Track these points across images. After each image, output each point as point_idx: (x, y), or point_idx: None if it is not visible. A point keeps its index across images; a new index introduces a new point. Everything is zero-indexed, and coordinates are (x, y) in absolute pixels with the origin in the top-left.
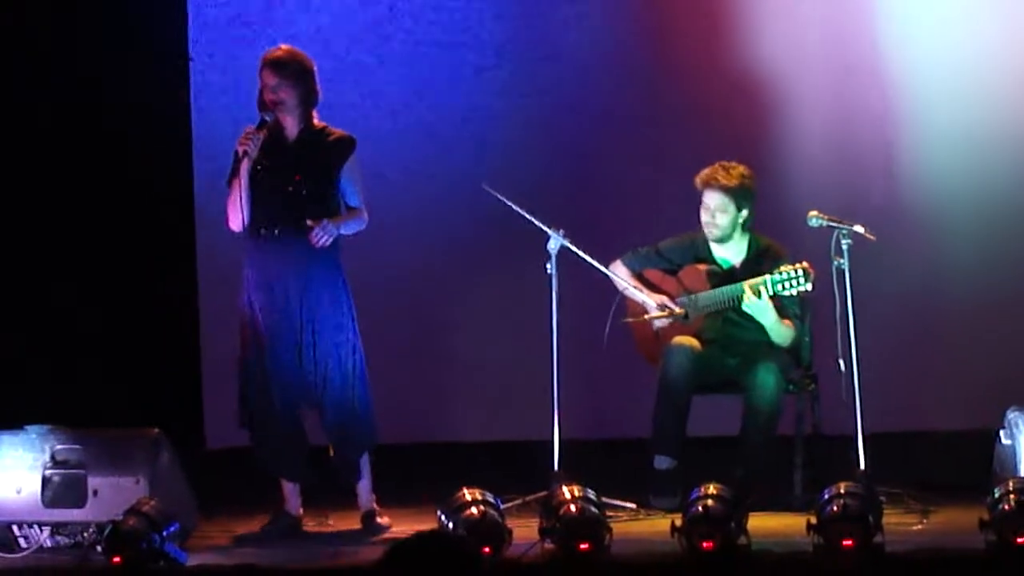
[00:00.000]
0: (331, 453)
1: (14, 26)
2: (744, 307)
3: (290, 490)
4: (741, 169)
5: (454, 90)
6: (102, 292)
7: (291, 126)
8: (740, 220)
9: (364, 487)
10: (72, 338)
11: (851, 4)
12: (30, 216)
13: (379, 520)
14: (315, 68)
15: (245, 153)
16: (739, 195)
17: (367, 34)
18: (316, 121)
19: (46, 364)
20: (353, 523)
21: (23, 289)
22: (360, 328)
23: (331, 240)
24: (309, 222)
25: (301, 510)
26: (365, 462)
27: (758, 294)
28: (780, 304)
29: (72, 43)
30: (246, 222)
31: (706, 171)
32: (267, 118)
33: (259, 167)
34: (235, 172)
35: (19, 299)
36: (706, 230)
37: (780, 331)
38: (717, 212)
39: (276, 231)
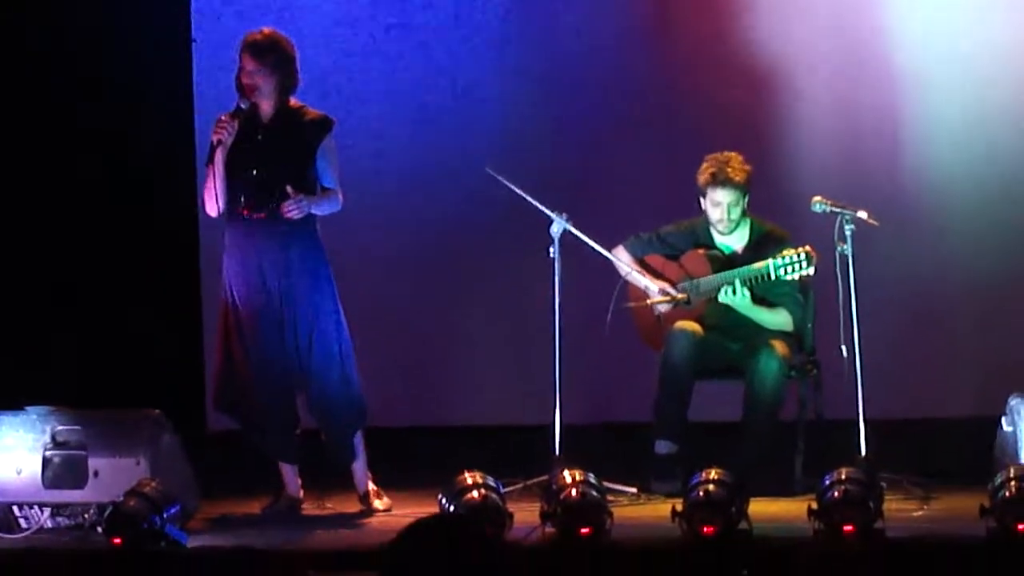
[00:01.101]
0: (323, 436)
1: (14, 9)
2: (720, 298)
3: (289, 472)
4: (739, 158)
5: (458, 74)
6: (104, 274)
7: (267, 109)
8: (744, 207)
9: (359, 468)
10: (73, 319)
11: None
12: (34, 200)
13: (376, 502)
14: (296, 54)
15: (219, 141)
16: (746, 187)
17: (370, 17)
18: (293, 102)
19: (47, 345)
20: (352, 505)
21: (25, 272)
22: (362, 311)
23: (302, 214)
24: (288, 189)
25: (302, 492)
26: (359, 442)
27: (734, 291)
28: (770, 294)
29: (74, 27)
30: (221, 208)
31: (709, 168)
32: (243, 105)
33: (236, 151)
34: (211, 159)
35: (21, 282)
36: (719, 227)
37: (765, 318)
38: (731, 207)
39: (254, 214)
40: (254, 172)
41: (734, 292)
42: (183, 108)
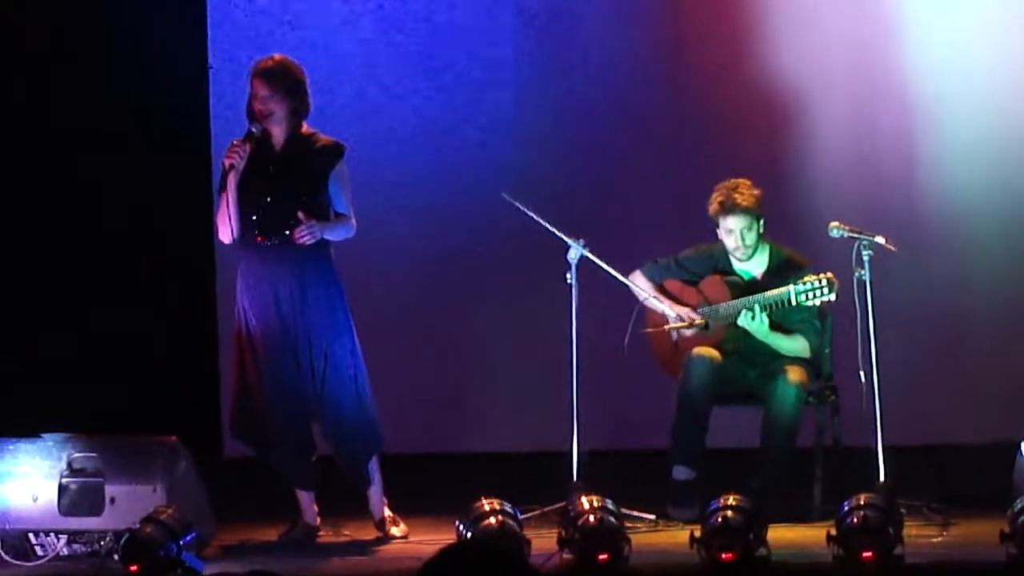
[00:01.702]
0: (337, 462)
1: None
2: (739, 322)
3: (305, 499)
4: (748, 184)
5: (474, 99)
6: (121, 299)
7: (278, 135)
8: (760, 232)
9: (375, 493)
10: (90, 345)
11: (873, 17)
12: (48, 223)
13: (393, 529)
14: (306, 80)
15: (232, 166)
16: (757, 212)
17: (384, 38)
18: (304, 128)
19: (64, 372)
20: (369, 532)
21: (40, 297)
22: (378, 337)
23: (313, 239)
24: (300, 215)
25: (318, 519)
26: (374, 469)
27: (752, 316)
28: (787, 320)
29: (95, 50)
30: (235, 234)
31: (718, 197)
32: (254, 130)
33: (248, 177)
34: (223, 184)
35: (36, 307)
36: (736, 254)
37: (783, 345)
38: (744, 232)
39: (268, 241)
40: (267, 199)
41: (753, 318)
42: (199, 134)
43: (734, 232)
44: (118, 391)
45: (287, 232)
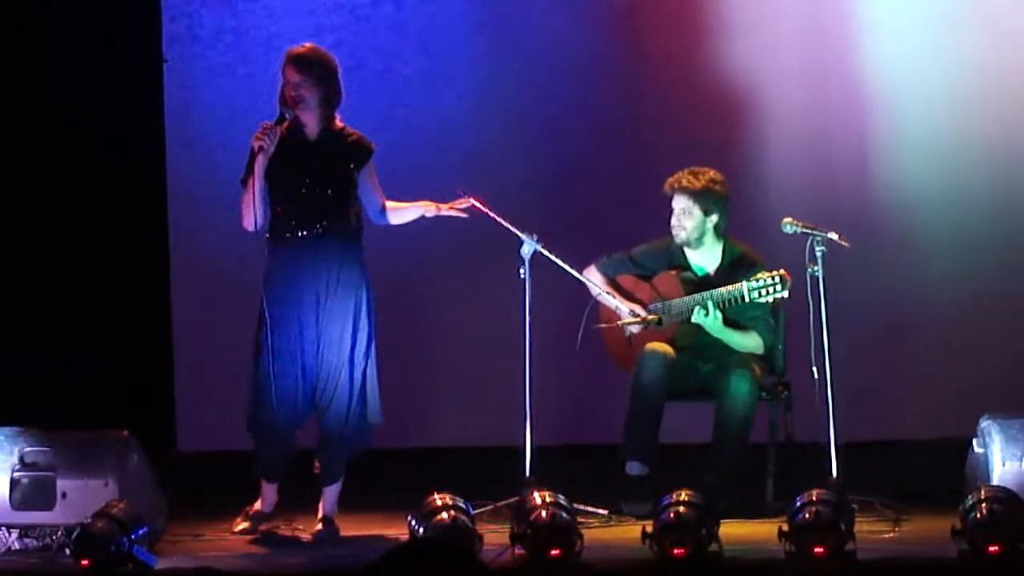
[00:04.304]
0: (317, 457)
1: None
2: (693, 318)
3: (269, 488)
4: (711, 174)
5: (430, 96)
6: (73, 291)
7: (311, 125)
8: (709, 225)
9: (332, 492)
10: (42, 339)
11: (828, 14)
12: (1, 218)
13: (334, 526)
14: (339, 69)
15: (261, 148)
16: (705, 198)
17: (345, 39)
18: (338, 122)
19: (15, 365)
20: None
21: None
22: None
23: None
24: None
25: (275, 507)
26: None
27: (707, 312)
28: (740, 317)
29: (47, 43)
30: (259, 222)
31: (674, 176)
32: (287, 115)
33: (280, 166)
34: (250, 168)
35: None
36: (673, 232)
37: (736, 341)
38: (682, 215)
39: (299, 233)
40: (303, 190)
41: (707, 313)
42: (154, 127)
43: (674, 211)
44: (71, 385)
45: (317, 228)
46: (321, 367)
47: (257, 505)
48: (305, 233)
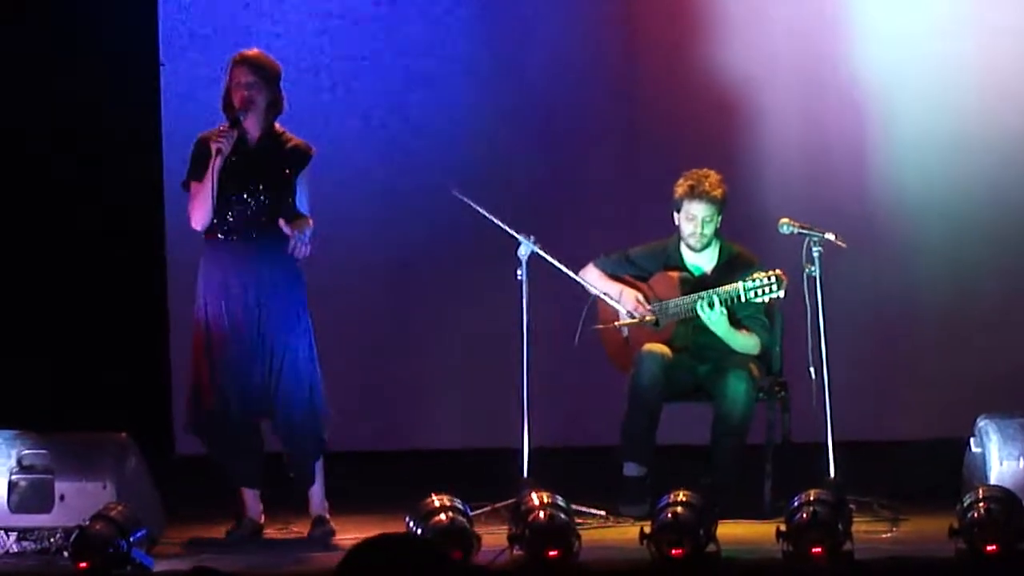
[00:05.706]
0: (285, 459)
1: None
2: (697, 311)
3: (250, 497)
4: (718, 176)
5: (425, 96)
6: (71, 295)
7: (253, 130)
8: (717, 228)
9: (316, 492)
10: (39, 341)
11: (823, 15)
12: None
13: (328, 526)
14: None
15: (219, 150)
16: (723, 204)
17: (337, 38)
18: (277, 126)
19: (13, 367)
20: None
21: None
22: (327, 334)
23: (307, 250)
24: (284, 227)
25: (263, 517)
26: (319, 467)
27: (711, 306)
28: (736, 316)
29: (43, 48)
30: (206, 222)
31: (687, 181)
32: (241, 117)
33: (221, 169)
34: (202, 169)
35: None
36: (690, 240)
37: (737, 341)
38: (705, 222)
39: (233, 235)
40: (243, 194)
41: (712, 307)
42: (151, 130)
43: (696, 219)
44: (69, 388)
45: (254, 230)
46: (267, 371)
47: (248, 515)
48: (241, 235)
